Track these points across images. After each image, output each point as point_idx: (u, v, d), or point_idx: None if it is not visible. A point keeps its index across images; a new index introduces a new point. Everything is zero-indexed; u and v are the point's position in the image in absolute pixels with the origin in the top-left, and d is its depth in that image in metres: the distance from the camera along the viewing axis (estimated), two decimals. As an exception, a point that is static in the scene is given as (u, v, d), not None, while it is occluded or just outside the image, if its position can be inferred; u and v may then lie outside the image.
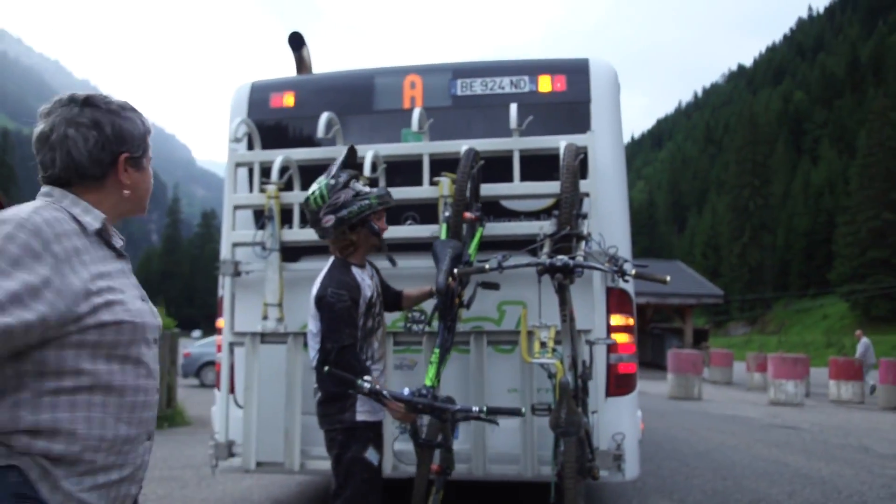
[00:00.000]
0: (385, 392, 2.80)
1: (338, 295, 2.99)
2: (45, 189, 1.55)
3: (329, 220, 3.04)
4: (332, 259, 3.20)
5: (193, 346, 19.26)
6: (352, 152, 3.24)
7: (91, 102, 1.54)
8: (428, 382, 3.10)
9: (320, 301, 3.03)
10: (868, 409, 14.66)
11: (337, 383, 2.96)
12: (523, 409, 2.97)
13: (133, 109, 1.61)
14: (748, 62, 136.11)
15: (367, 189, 3.16)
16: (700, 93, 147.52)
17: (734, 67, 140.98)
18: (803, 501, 5.71)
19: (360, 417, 3.01)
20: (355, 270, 3.12)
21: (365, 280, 3.14)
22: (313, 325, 3.09)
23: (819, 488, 6.23)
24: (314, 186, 3.10)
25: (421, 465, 3.22)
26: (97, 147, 1.53)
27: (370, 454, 3.00)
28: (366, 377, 2.82)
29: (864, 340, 18.15)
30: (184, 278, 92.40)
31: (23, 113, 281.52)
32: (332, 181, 3.07)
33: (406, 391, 2.90)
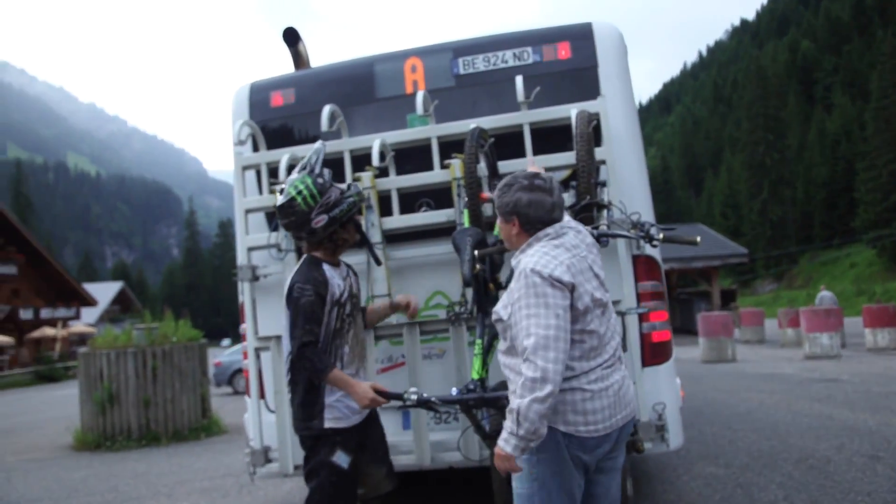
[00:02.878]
0: (434, 398, 2.75)
1: (302, 289, 2.93)
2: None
3: (322, 219, 2.97)
4: (304, 256, 3.14)
5: (223, 354, 19.38)
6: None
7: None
8: (475, 375, 3.03)
9: (287, 297, 2.98)
10: (907, 354, 14.41)
11: (304, 388, 3.00)
12: None
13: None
14: (751, 16, 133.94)
15: (343, 186, 3.13)
16: (705, 52, 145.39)
17: (737, 22, 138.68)
18: (853, 454, 5.58)
19: (328, 424, 2.99)
20: (326, 267, 3.06)
21: (335, 278, 3.06)
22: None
23: (867, 439, 6.09)
24: (295, 185, 3.01)
25: (493, 456, 3.17)
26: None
27: (338, 457, 2.97)
28: (411, 389, 2.78)
29: (823, 294, 19.20)
30: (207, 289, 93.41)
31: (33, 142, 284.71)
32: (320, 180, 2.99)
33: (454, 391, 2.83)
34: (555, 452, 2.22)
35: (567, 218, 2.49)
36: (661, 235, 2.89)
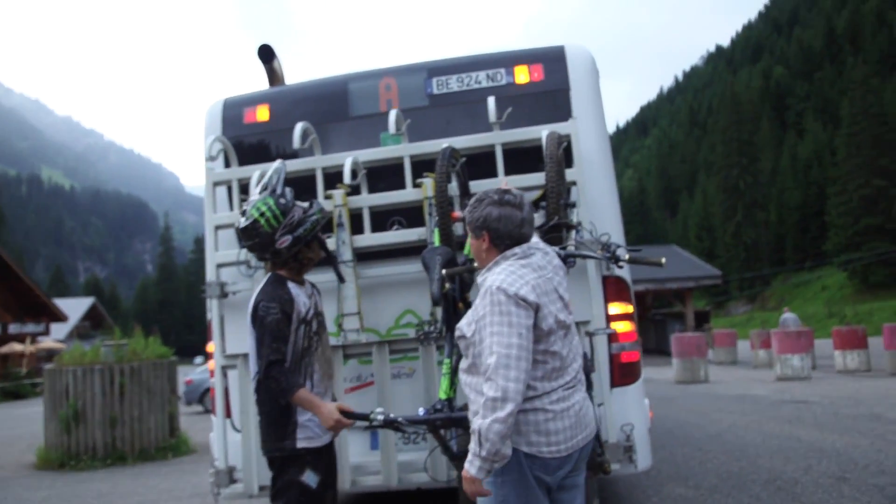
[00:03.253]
0: (401, 419, 2.72)
1: (267, 308, 2.90)
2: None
3: (286, 240, 2.96)
4: (268, 275, 3.11)
5: (195, 372, 19.11)
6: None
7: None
8: (442, 395, 3.01)
9: (252, 316, 2.95)
10: (875, 376, 14.61)
11: (275, 408, 2.94)
12: None
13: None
14: (726, 42, 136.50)
15: (305, 204, 3.10)
16: (681, 76, 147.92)
17: (712, 49, 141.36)
18: (820, 475, 5.63)
19: (300, 444, 2.95)
20: (291, 285, 3.03)
21: (300, 296, 3.04)
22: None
23: (835, 461, 6.14)
24: (257, 207, 2.97)
25: (460, 477, 3.16)
26: None
27: (307, 477, 2.93)
28: (378, 409, 2.75)
29: (786, 316, 19.36)
30: (181, 306, 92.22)
31: (7, 155, 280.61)
32: (283, 200, 2.97)
33: (421, 411, 2.81)
34: (518, 474, 2.22)
35: (536, 239, 2.51)
36: (626, 256, 2.91)
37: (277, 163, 3.24)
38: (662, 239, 69.41)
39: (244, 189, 4.16)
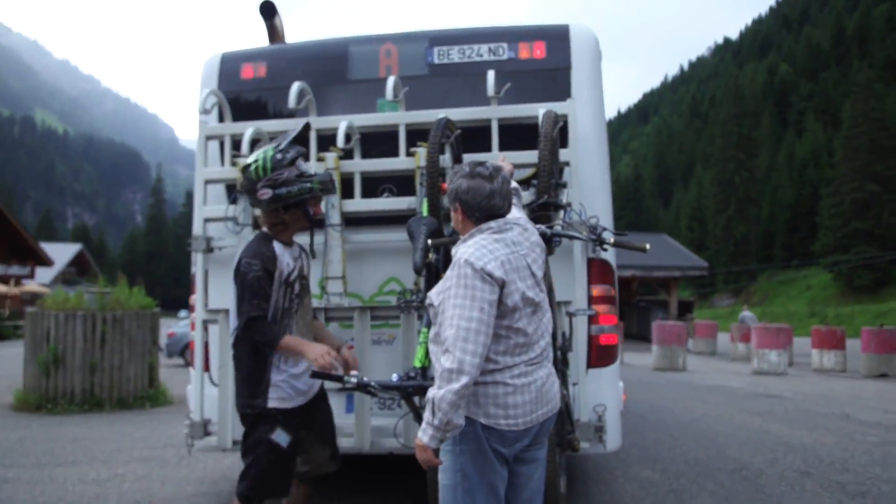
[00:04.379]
0: (373, 383, 2.75)
1: (249, 264, 2.92)
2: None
3: (266, 193, 2.98)
4: (256, 232, 3.14)
5: (178, 325, 19.12)
6: (306, 128, 3.17)
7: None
8: (417, 364, 3.04)
9: (235, 272, 2.98)
10: (850, 377, 14.81)
11: (250, 365, 2.98)
12: None
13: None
14: (734, 35, 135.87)
15: (312, 171, 3.08)
16: (686, 66, 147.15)
17: (720, 40, 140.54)
18: (785, 469, 5.74)
19: (271, 404, 2.98)
20: (276, 245, 3.04)
21: (284, 256, 3.04)
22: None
23: (800, 455, 6.26)
24: (258, 154, 3.03)
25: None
26: None
27: (277, 435, 2.97)
28: (353, 372, 2.78)
29: (744, 314, 21.07)
30: (170, 259, 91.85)
31: (2, 94, 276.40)
32: (279, 156, 3.00)
33: (395, 377, 2.84)
34: (476, 445, 2.26)
35: (517, 214, 2.51)
36: (611, 240, 2.94)
37: (304, 121, 3.24)
38: (654, 227, 69.59)
39: (236, 145, 4.15)
